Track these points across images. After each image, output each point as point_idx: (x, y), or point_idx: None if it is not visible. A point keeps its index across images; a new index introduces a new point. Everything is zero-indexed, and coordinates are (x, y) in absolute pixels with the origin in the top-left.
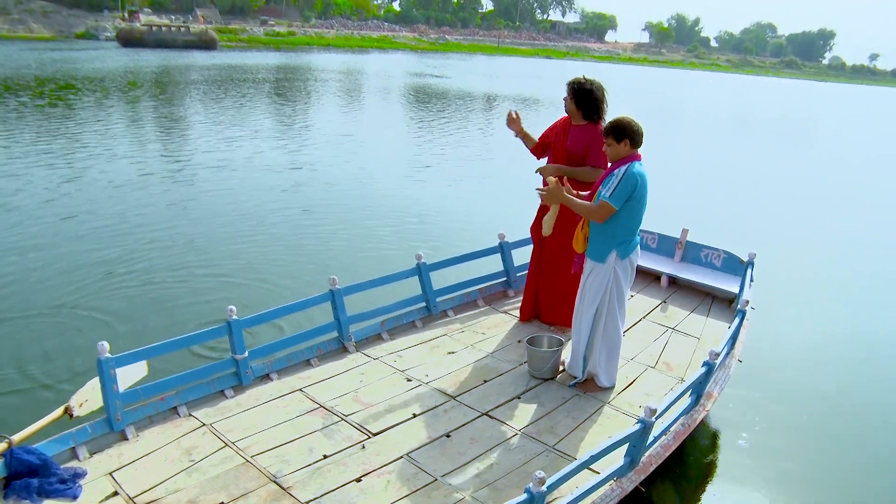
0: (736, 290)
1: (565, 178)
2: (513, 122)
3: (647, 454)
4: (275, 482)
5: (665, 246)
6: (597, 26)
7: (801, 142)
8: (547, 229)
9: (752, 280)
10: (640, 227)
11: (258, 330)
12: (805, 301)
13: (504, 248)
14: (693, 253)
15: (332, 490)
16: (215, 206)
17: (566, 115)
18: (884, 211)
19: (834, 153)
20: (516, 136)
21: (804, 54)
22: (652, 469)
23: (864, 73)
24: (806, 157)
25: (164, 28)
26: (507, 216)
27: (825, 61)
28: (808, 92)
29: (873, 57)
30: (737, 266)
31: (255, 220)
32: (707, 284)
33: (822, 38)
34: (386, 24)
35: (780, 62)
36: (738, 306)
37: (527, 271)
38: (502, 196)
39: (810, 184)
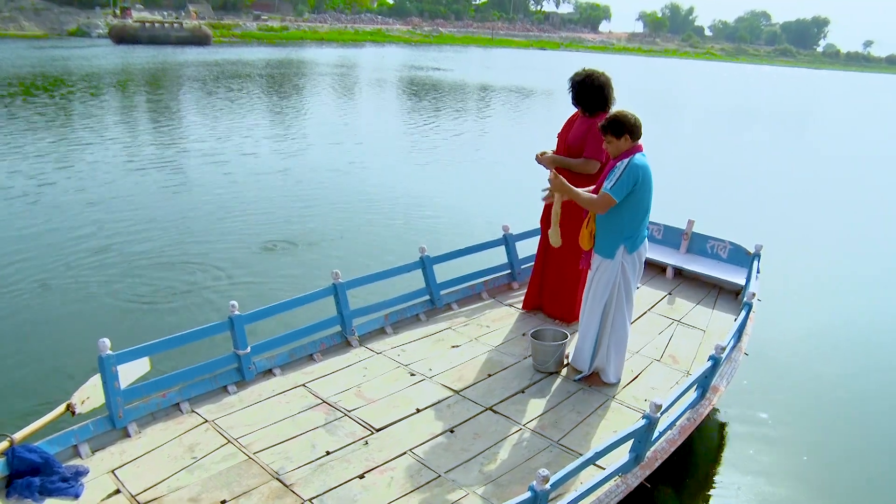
0: (742, 281)
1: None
2: (545, 161)
3: (652, 449)
4: (277, 479)
5: (670, 237)
6: (591, 17)
7: (803, 131)
8: (555, 240)
9: (758, 272)
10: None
11: (260, 325)
12: (812, 293)
13: (508, 240)
14: (699, 244)
15: (335, 487)
16: (215, 200)
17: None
18: (890, 201)
19: (838, 143)
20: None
21: (798, 42)
22: (657, 464)
23: (859, 60)
24: (809, 147)
25: (156, 24)
26: (512, 208)
27: (819, 49)
28: (805, 80)
29: (867, 44)
30: (743, 257)
31: (253, 214)
32: (713, 276)
33: (816, 26)
34: (379, 17)
35: (775, 50)
36: (745, 298)
37: (531, 263)
38: (506, 187)
39: (815, 174)
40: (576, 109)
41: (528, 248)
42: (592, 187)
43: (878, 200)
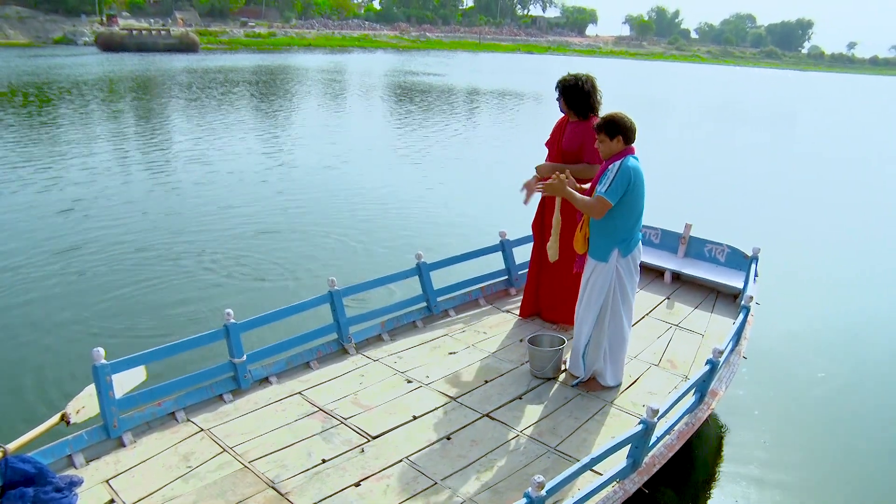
0: (740, 285)
1: (567, 171)
2: (544, 170)
3: (650, 455)
4: (273, 488)
5: (668, 241)
6: (577, 20)
7: (795, 133)
8: (553, 254)
9: (756, 275)
10: (642, 223)
11: (256, 333)
12: (810, 295)
13: (505, 246)
14: (696, 248)
15: (331, 495)
16: (209, 208)
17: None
18: (885, 202)
19: (830, 144)
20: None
21: (783, 44)
22: (655, 470)
23: (843, 62)
24: (803, 149)
25: (143, 32)
26: (509, 213)
27: (804, 51)
28: (792, 82)
29: (851, 45)
30: (741, 261)
31: (249, 221)
32: (711, 280)
33: (801, 28)
34: (366, 22)
35: (760, 52)
36: (743, 302)
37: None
38: (503, 193)
39: (810, 176)
40: (562, 114)
41: (525, 253)
42: (587, 186)
43: (874, 201)
